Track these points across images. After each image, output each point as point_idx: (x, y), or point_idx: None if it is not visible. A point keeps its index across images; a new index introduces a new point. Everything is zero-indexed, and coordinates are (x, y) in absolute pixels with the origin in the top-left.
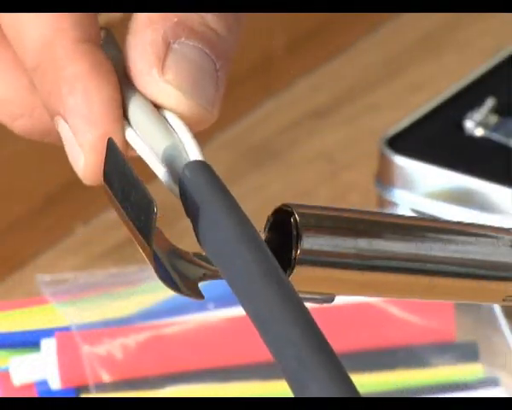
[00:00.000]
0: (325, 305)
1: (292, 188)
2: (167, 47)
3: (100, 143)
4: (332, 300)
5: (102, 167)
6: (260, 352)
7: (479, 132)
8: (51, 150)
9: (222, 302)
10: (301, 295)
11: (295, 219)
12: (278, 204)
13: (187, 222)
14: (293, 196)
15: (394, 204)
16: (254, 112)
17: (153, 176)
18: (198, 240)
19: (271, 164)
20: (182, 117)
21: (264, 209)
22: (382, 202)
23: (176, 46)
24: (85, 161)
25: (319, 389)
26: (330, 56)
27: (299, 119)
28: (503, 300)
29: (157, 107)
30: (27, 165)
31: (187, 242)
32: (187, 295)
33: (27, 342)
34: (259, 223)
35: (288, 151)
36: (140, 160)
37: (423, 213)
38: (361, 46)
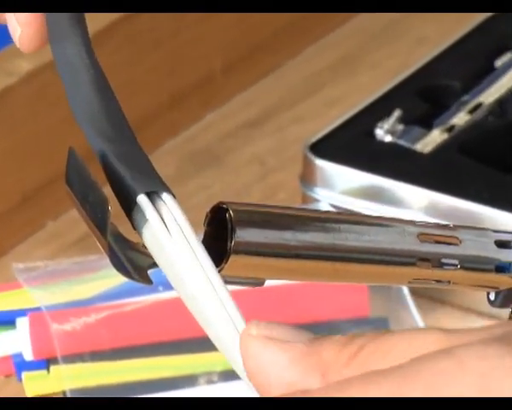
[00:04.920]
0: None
1: (229, 188)
2: None
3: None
4: (262, 283)
5: (65, 172)
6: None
7: (387, 139)
8: (27, 155)
9: (170, 285)
10: (236, 280)
11: (230, 214)
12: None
13: None
14: (231, 194)
15: (316, 200)
16: (197, 123)
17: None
18: None
19: (212, 167)
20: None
21: (207, 206)
22: (306, 198)
23: None
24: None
25: None
26: (260, 77)
27: (235, 129)
28: (409, 282)
29: None
30: (6, 168)
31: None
32: (137, 280)
33: (5, 320)
34: (202, 219)
35: (226, 156)
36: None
37: (340, 208)
38: (286, 67)
